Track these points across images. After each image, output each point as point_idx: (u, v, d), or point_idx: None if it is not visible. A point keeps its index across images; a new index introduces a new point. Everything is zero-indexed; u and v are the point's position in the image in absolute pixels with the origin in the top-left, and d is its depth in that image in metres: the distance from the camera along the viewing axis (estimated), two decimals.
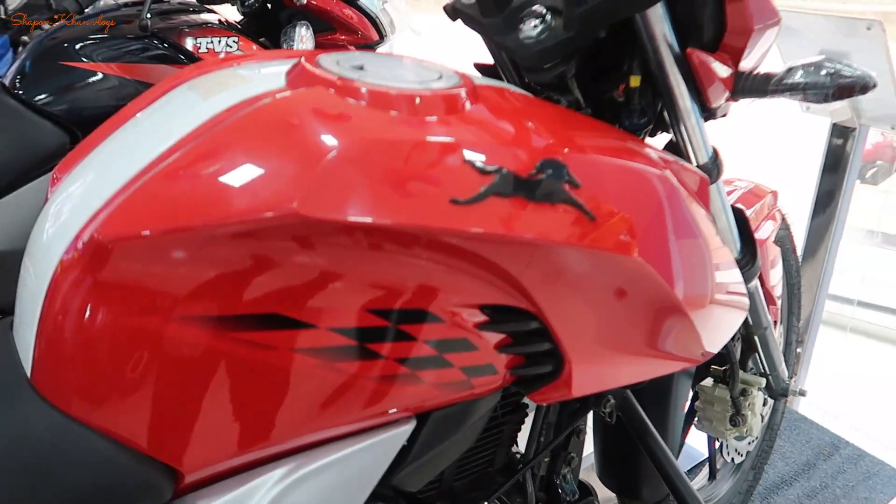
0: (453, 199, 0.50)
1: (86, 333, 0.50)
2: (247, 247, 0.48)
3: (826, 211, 1.74)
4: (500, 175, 0.52)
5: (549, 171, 0.54)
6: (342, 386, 0.55)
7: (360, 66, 0.58)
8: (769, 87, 0.76)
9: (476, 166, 0.52)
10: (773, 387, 1.24)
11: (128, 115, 0.62)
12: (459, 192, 0.51)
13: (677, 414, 1.09)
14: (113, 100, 1.44)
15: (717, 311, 0.75)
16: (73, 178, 0.58)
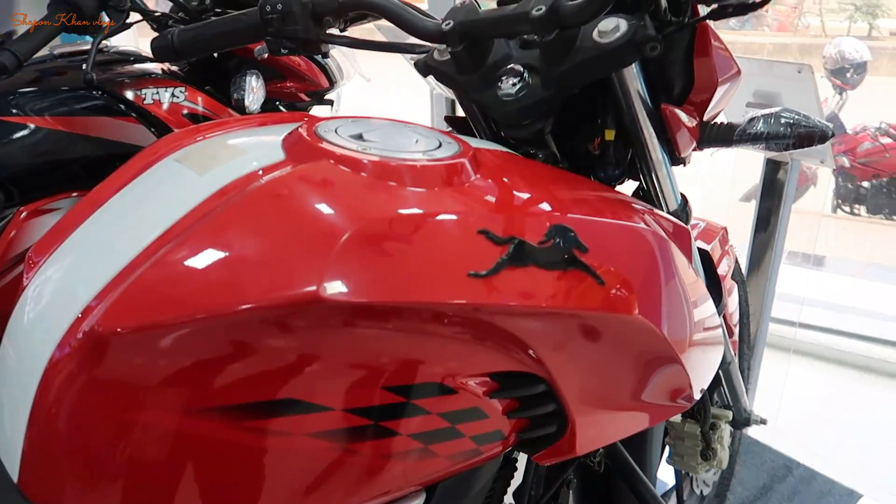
0: (471, 273, 0.49)
1: (82, 431, 0.46)
2: (261, 333, 0.46)
3: (765, 238, 1.82)
4: (513, 245, 0.52)
5: (559, 237, 0.54)
6: (357, 465, 0.53)
7: (360, 136, 0.57)
8: (733, 136, 0.79)
9: (490, 237, 0.51)
10: (737, 417, 1.28)
11: (109, 190, 0.58)
12: (477, 265, 0.50)
13: (656, 454, 1.10)
14: (49, 155, 1.36)
15: (702, 352, 0.77)
16: (54, 260, 0.54)
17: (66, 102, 1.34)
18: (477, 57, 0.77)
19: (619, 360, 0.63)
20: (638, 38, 0.68)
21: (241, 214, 0.48)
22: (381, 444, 0.53)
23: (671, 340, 0.66)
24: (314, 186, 0.50)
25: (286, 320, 0.46)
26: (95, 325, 0.45)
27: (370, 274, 0.46)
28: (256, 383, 0.47)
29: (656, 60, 0.77)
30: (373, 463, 0.53)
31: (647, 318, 0.61)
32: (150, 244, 0.48)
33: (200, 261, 0.46)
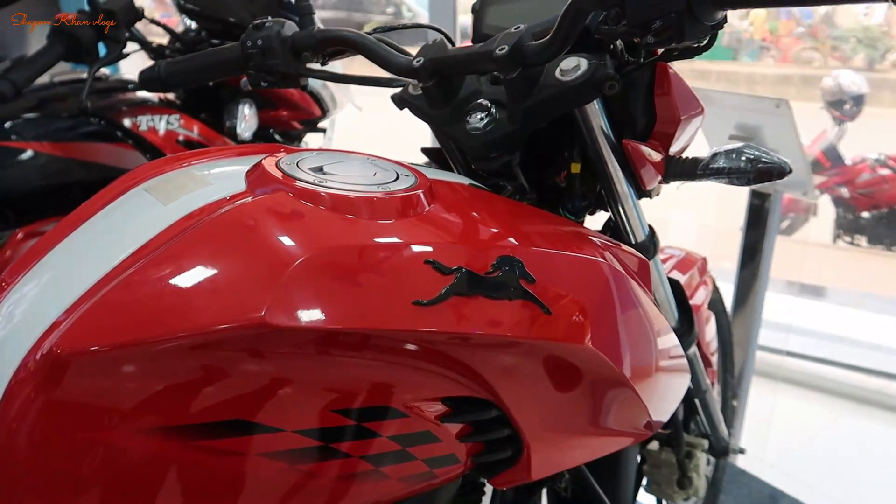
0: (416, 301, 0.52)
1: (41, 450, 0.48)
2: (212, 356, 0.48)
3: (751, 267, 1.84)
4: (460, 274, 0.54)
5: (506, 267, 0.57)
6: (306, 486, 0.55)
7: (320, 168, 0.60)
8: (697, 171, 0.81)
9: (437, 267, 0.54)
10: (714, 446, 1.29)
11: (82, 216, 0.61)
12: (422, 294, 0.52)
13: (627, 481, 1.11)
14: (46, 179, 1.40)
15: (663, 381, 0.78)
16: (23, 283, 0.56)
17: (64, 128, 1.38)
18: (447, 92, 0.80)
19: (570, 387, 0.65)
20: (597, 76, 0.71)
21: (197, 243, 0.51)
22: (331, 465, 0.55)
23: (624, 369, 0.68)
24: (269, 217, 0.53)
25: (234, 344, 0.48)
26: (53, 346, 0.47)
27: (316, 301, 0.49)
28: (207, 404, 0.49)
29: (619, 98, 0.80)
30: (324, 484, 0.55)
31: (596, 348, 0.63)
32: (110, 270, 0.51)
33: (154, 287, 0.49)
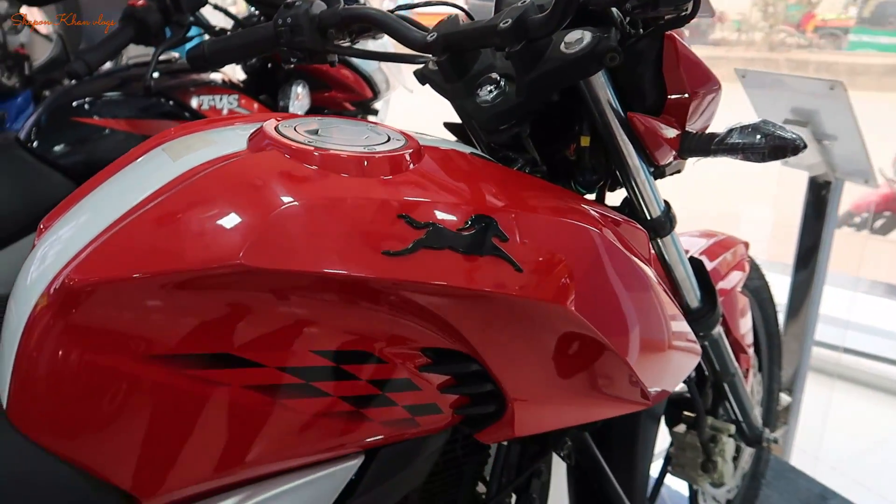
0: (385, 251, 0.56)
1: (55, 370, 0.55)
2: (199, 293, 0.54)
3: (808, 260, 1.78)
4: (431, 229, 0.58)
5: (480, 225, 0.60)
6: (291, 421, 0.60)
7: (315, 131, 0.65)
8: (711, 146, 0.81)
9: (409, 221, 0.58)
10: (746, 434, 1.26)
11: (112, 171, 0.69)
12: (392, 245, 0.56)
13: (645, 458, 1.11)
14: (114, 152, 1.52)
15: (661, 355, 0.79)
16: (56, 228, 0.64)
17: (132, 106, 1.50)
18: (460, 66, 0.83)
19: (548, 347, 0.67)
20: (599, 49, 0.73)
21: (191, 193, 0.57)
22: (313, 402, 0.60)
23: (608, 335, 0.69)
24: (257, 171, 0.58)
25: (218, 282, 0.54)
26: (66, 279, 0.54)
27: (290, 246, 0.54)
28: (195, 337, 0.55)
29: (626, 71, 0.81)
30: (307, 420, 0.60)
31: (577, 311, 0.65)
32: (118, 216, 0.57)
33: (150, 231, 0.55)
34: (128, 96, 1.55)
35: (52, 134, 1.52)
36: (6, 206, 1.42)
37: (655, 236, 0.91)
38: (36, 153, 1.48)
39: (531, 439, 0.91)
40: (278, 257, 0.53)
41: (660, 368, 0.80)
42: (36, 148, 1.49)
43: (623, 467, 1.12)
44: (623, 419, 1.13)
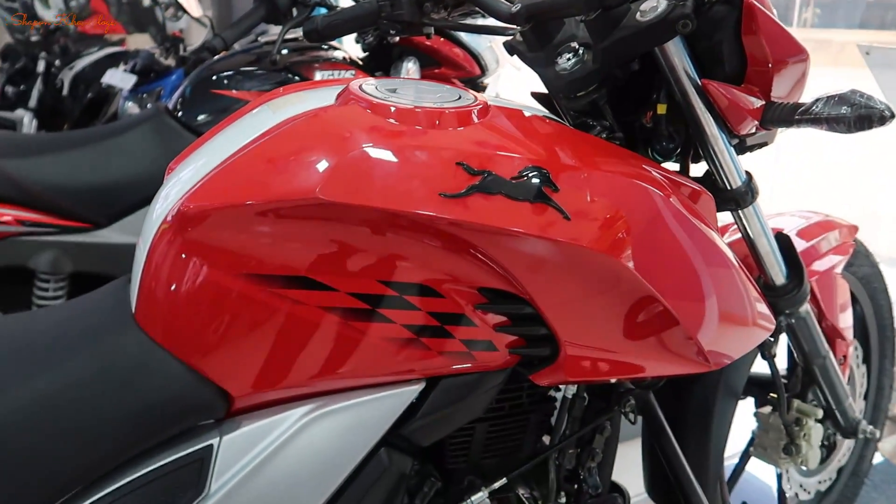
0: (442, 193, 0.63)
1: (171, 280, 0.67)
2: (282, 221, 0.64)
3: None
4: (485, 176, 0.64)
5: (531, 174, 0.65)
6: (358, 342, 0.68)
7: (394, 90, 0.73)
8: (794, 116, 0.80)
9: (466, 168, 0.64)
10: (840, 423, 1.22)
11: (227, 123, 0.80)
12: (449, 188, 0.63)
13: (720, 434, 1.11)
14: None
15: (722, 321, 0.80)
16: (178, 170, 0.76)
17: (260, 79, 1.66)
18: (543, 36, 0.88)
19: (600, 296, 0.71)
20: (672, 16, 0.75)
21: (282, 138, 0.66)
22: (377, 326, 0.68)
23: (662, 292, 0.72)
24: (338, 121, 0.67)
25: (299, 212, 0.63)
26: (181, 207, 0.65)
27: (359, 184, 0.62)
28: (279, 260, 0.65)
29: (705, 39, 0.82)
30: (372, 342, 0.69)
31: (627, 262, 0.68)
32: (226, 157, 0.68)
33: (248, 168, 0.65)
34: (259, 71, 1.71)
35: (194, 104, 1.71)
36: (154, 166, 1.62)
37: (737, 207, 0.91)
38: (181, 121, 1.68)
39: (596, 395, 0.95)
40: (349, 193, 0.61)
41: (721, 334, 0.81)
42: (181, 116, 1.69)
43: (697, 442, 1.13)
44: (700, 394, 1.14)
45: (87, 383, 0.66)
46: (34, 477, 0.63)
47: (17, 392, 0.64)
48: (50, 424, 0.64)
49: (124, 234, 1.63)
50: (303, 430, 0.70)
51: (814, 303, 1.13)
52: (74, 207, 1.59)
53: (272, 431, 0.70)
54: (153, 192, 1.71)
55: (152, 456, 0.68)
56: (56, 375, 0.66)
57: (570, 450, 0.96)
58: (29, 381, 0.65)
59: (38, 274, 1.66)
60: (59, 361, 0.67)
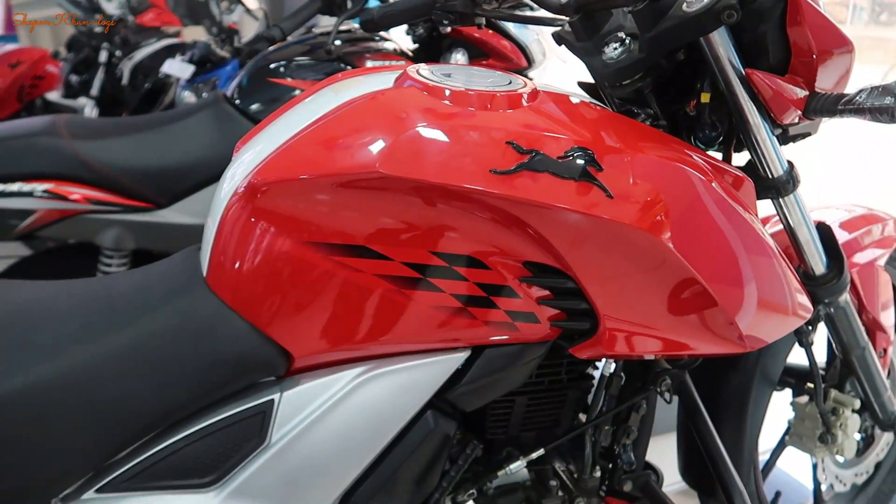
0: (492, 170, 0.67)
1: (240, 248, 0.73)
2: (344, 193, 0.69)
3: None
4: (533, 155, 0.68)
5: (577, 155, 0.69)
6: (409, 308, 0.73)
7: (449, 75, 0.77)
8: (837, 107, 0.82)
9: (515, 147, 0.68)
10: (879, 416, 1.23)
11: (291, 105, 0.86)
12: (499, 165, 0.67)
13: (755, 420, 1.13)
14: None
15: (759, 304, 0.82)
16: (247, 148, 0.82)
17: (315, 69, 1.72)
18: (591, 27, 0.91)
19: (640, 273, 0.74)
20: (718, 6, 0.78)
21: (345, 117, 0.72)
22: (428, 295, 0.73)
23: (701, 272, 0.75)
24: (397, 102, 0.72)
25: (360, 185, 0.68)
26: (251, 180, 0.71)
27: (416, 159, 0.67)
28: (340, 230, 0.70)
29: (750, 29, 0.84)
30: (423, 310, 0.74)
31: (663, 239, 0.72)
32: (292, 135, 0.74)
33: (313, 144, 0.71)
34: (313, 61, 1.77)
35: (251, 92, 1.79)
36: (213, 150, 1.70)
37: (777, 196, 0.93)
38: (238, 108, 1.76)
39: (633, 374, 0.99)
40: (407, 168, 0.66)
41: (758, 318, 0.83)
42: (238, 103, 1.77)
43: (732, 427, 1.15)
44: (737, 380, 1.16)
45: (166, 339, 0.73)
46: (120, 418, 0.70)
47: (107, 343, 0.71)
48: (134, 373, 0.70)
49: (183, 215, 1.72)
50: (356, 390, 0.75)
51: (854, 294, 1.14)
52: (138, 188, 1.68)
53: (328, 390, 0.75)
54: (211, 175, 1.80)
55: (220, 407, 0.74)
56: (139, 330, 0.73)
57: (606, 426, 0.99)
58: (116, 334, 0.72)
59: (102, 250, 1.76)
60: (141, 318, 0.74)
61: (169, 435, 0.73)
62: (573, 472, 0.99)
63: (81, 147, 1.65)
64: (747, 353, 1.15)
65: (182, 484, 0.73)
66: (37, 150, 1.64)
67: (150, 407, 0.71)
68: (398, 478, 0.80)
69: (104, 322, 0.74)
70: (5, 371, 0.67)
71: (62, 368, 0.69)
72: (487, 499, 0.94)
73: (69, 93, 3.98)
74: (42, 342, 0.71)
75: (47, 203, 1.63)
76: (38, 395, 0.68)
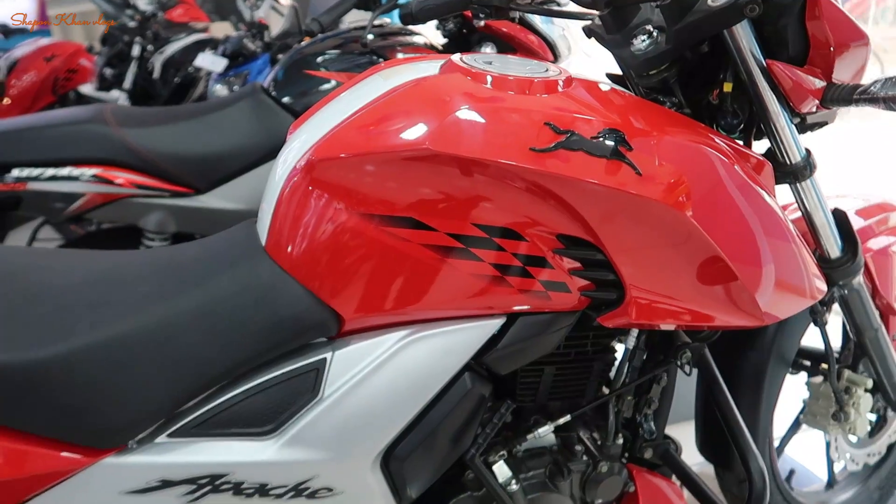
0: (531, 148, 0.74)
1: (298, 218, 0.80)
2: (395, 169, 0.76)
3: None
4: (569, 135, 0.75)
5: (609, 136, 0.76)
6: (452, 276, 0.80)
7: (490, 62, 0.84)
8: (853, 96, 0.88)
9: (552, 128, 0.75)
10: (891, 397, 1.27)
11: (342, 90, 0.93)
12: (538, 144, 0.74)
13: (770, 397, 1.19)
14: None
15: (775, 279, 0.88)
16: (302, 130, 0.89)
17: (349, 61, 1.80)
18: (620, 20, 0.97)
19: (662, 245, 0.80)
20: (741, 1, 0.84)
21: (396, 100, 0.79)
22: (469, 264, 0.80)
23: (722, 246, 0.81)
24: (444, 86, 0.79)
25: (410, 161, 0.75)
26: (309, 157, 0.78)
27: (462, 137, 0.73)
28: (390, 202, 0.77)
29: (771, 22, 0.90)
30: (464, 277, 0.80)
31: (686, 215, 0.78)
32: (345, 118, 0.81)
33: (366, 124, 0.77)
34: (347, 54, 1.85)
35: (287, 83, 1.87)
36: (251, 138, 1.78)
37: (795, 181, 0.99)
38: (275, 98, 1.84)
39: (654, 348, 1.05)
40: (453, 145, 0.73)
41: (774, 293, 0.88)
42: (275, 94, 1.85)
43: (749, 403, 1.21)
44: (754, 358, 1.22)
45: (230, 301, 0.80)
46: (189, 371, 0.77)
47: (177, 304, 0.79)
48: (202, 331, 0.78)
49: (222, 200, 1.80)
50: (400, 351, 0.82)
51: (868, 278, 1.19)
52: (180, 174, 1.77)
53: (375, 351, 0.82)
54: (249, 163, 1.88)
55: (279, 363, 0.82)
56: (205, 293, 0.80)
57: (629, 397, 1.05)
58: (185, 296, 0.79)
59: (145, 232, 1.85)
60: (207, 283, 0.81)
61: (233, 388, 0.80)
62: (597, 439, 1.05)
63: (127, 134, 1.74)
64: (764, 333, 1.21)
65: (243, 432, 0.80)
66: (86, 136, 1.73)
67: (216, 362, 0.78)
68: (437, 434, 0.86)
69: (174, 285, 0.81)
70: (90, 325, 0.75)
71: (139, 325, 0.77)
72: (517, 461, 1.00)
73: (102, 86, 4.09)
74: (120, 301, 0.78)
75: (95, 187, 1.72)
76: (118, 347, 0.75)
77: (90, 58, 4.42)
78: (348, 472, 0.84)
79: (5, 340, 0.72)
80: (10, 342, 0.72)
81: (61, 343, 0.72)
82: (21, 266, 0.84)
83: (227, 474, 0.79)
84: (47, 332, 0.73)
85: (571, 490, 1.03)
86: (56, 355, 0.72)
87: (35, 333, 0.73)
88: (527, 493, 0.99)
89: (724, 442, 1.20)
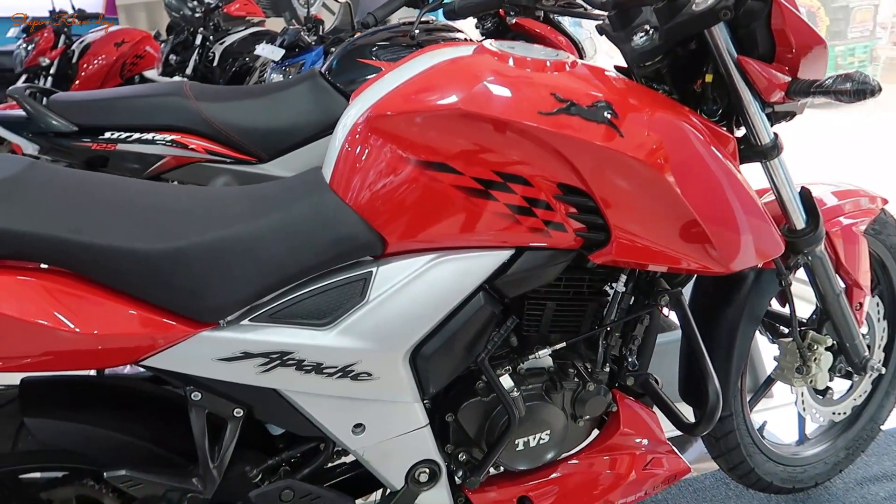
0: (539, 111, 0.97)
1: (358, 159, 1.04)
2: (434, 123, 0.99)
3: None
4: (569, 103, 0.97)
5: (600, 105, 0.98)
6: (473, 212, 1.03)
7: (513, 47, 1.07)
8: (811, 89, 1.09)
9: (556, 97, 0.98)
10: (852, 359, 1.46)
11: (394, 67, 1.17)
12: (544, 109, 0.97)
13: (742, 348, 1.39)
14: None
15: (736, 232, 1.09)
16: (363, 94, 1.13)
17: (399, 53, 2.04)
18: (625, 20, 1.19)
19: (640, 195, 1.02)
20: (718, 6, 1.05)
21: (437, 71, 1.02)
22: (487, 203, 1.02)
23: (689, 201, 1.02)
24: (476, 63, 1.02)
25: (446, 118, 0.98)
26: (369, 113, 1.02)
27: (486, 100, 0.97)
28: (428, 151, 1.00)
29: (744, 26, 1.11)
30: (483, 214, 1.03)
31: (658, 171, 1.00)
32: (398, 84, 1.04)
33: (416, 88, 1.01)
34: (396, 45, 2.10)
35: (342, 70, 2.12)
36: (309, 116, 2.04)
37: (765, 159, 1.20)
38: (330, 82, 2.09)
39: (639, 292, 1.26)
40: (479, 106, 0.97)
41: (735, 244, 1.09)
42: (331, 79, 2.10)
43: (724, 354, 1.42)
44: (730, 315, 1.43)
45: (301, 222, 1.04)
46: (268, 270, 1.01)
47: (261, 221, 1.03)
48: (279, 242, 1.02)
49: (281, 169, 2.06)
50: (429, 270, 1.05)
51: (832, 251, 1.39)
52: (246, 144, 2.03)
53: (410, 268, 1.05)
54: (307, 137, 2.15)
55: (336, 273, 1.05)
56: (282, 215, 1.04)
57: (617, 334, 1.27)
58: (266, 216, 1.04)
59: None
60: (283, 208, 1.05)
61: (301, 288, 1.04)
62: (588, 367, 1.27)
63: (203, 107, 2.00)
64: (738, 294, 1.42)
65: (307, 322, 1.04)
66: (168, 107, 2.00)
67: (290, 266, 1.02)
68: (454, 339, 1.09)
69: (260, 208, 1.06)
70: (197, 231, 1.00)
71: (235, 234, 1.01)
72: (519, 375, 1.22)
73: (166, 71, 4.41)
74: (221, 216, 1.03)
75: (174, 150, 2.00)
76: (216, 249, 0.99)
77: (156, 45, 4.76)
78: (384, 362, 1.07)
79: (146, 237, 0.97)
80: (147, 238, 0.97)
81: (181, 240, 0.97)
82: (140, 191, 1.09)
83: (292, 353, 1.03)
84: (171, 233, 0.98)
85: (563, 404, 1.25)
86: (178, 248, 0.96)
87: (163, 233, 0.98)
88: (525, 401, 1.21)
89: (701, 388, 1.40)
